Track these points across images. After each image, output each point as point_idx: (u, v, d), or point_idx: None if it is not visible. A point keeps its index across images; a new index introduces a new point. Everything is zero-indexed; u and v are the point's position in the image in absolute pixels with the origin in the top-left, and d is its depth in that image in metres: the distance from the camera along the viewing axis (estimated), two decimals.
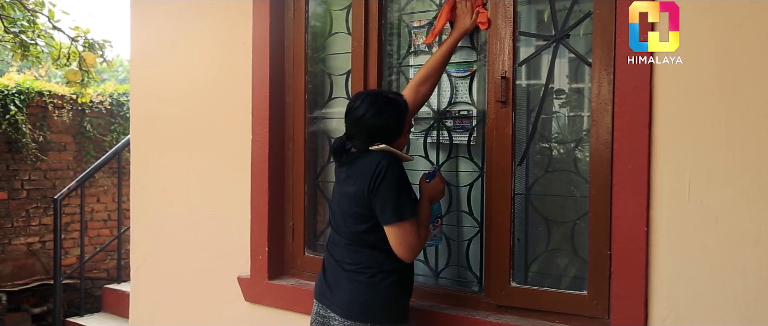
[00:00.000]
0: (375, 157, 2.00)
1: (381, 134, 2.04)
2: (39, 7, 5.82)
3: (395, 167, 1.99)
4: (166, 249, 3.17)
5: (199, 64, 3.02)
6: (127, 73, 12.86)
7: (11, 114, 5.56)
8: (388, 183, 1.95)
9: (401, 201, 1.97)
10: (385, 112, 2.04)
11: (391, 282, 2.03)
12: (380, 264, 2.04)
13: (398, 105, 2.08)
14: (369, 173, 1.98)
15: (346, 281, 2.07)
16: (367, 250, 2.05)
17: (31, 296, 5.63)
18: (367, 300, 2.03)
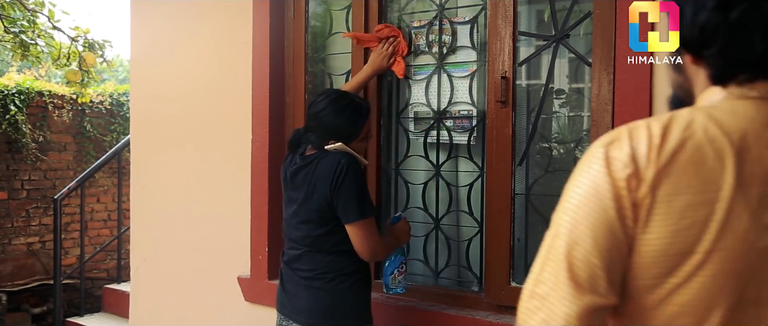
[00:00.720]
0: (334, 156, 2.00)
1: (337, 133, 2.04)
2: (39, 7, 5.82)
3: (355, 166, 1.99)
4: (166, 249, 3.17)
5: (199, 64, 3.02)
6: (127, 73, 12.86)
7: (11, 114, 5.56)
8: (350, 181, 1.95)
9: (364, 200, 1.98)
10: (344, 113, 2.05)
11: (351, 284, 2.03)
12: (339, 268, 2.03)
13: (359, 109, 2.08)
14: (329, 173, 1.97)
15: (304, 289, 2.05)
16: (324, 256, 2.04)
17: (31, 296, 5.63)
18: (329, 306, 2.02)
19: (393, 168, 2.61)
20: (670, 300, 0.81)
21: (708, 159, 0.80)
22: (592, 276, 0.81)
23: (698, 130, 0.82)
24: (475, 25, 2.41)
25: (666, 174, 0.80)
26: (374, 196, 2.54)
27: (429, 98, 2.51)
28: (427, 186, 2.53)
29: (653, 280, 0.81)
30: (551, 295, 0.82)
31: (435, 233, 2.52)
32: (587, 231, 0.81)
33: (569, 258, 0.82)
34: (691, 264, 0.79)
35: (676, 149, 0.80)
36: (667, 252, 0.80)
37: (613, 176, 0.81)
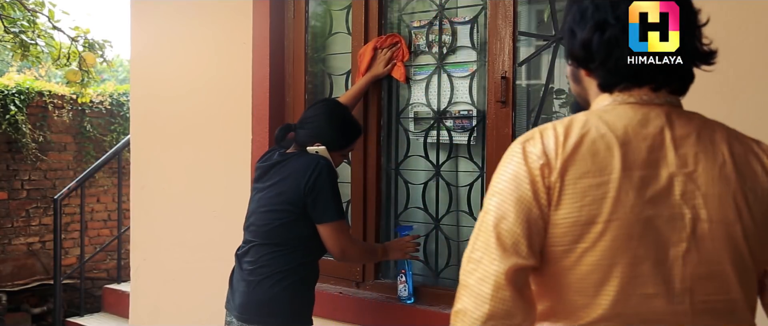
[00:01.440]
0: (313, 157, 2.08)
1: (325, 138, 2.13)
2: (39, 7, 5.82)
3: (332, 169, 2.08)
4: (166, 249, 3.17)
5: (199, 63, 3.02)
6: (127, 73, 12.86)
7: (11, 114, 5.56)
8: (327, 182, 2.03)
9: (337, 202, 2.06)
10: (337, 124, 2.16)
11: (288, 284, 2.05)
12: (278, 266, 2.05)
13: (353, 127, 2.21)
14: (306, 170, 2.03)
15: (244, 283, 2.09)
16: (269, 250, 2.07)
17: (31, 296, 5.63)
18: (260, 301, 2.04)
19: (393, 168, 2.61)
20: (581, 261, 1.02)
21: (601, 150, 1.03)
22: (515, 243, 1.03)
23: (592, 128, 1.05)
24: (475, 25, 2.41)
25: (570, 162, 1.02)
26: (374, 196, 2.54)
27: (429, 98, 2.51)
28: (427, 186, 2.53)
29: (567, 246, 1.03)
30: (484, 258, 1.04)
31: (435, 233, 2.52)
32: (511, 208, 1.03)
33: (497, 229, 1.04)
34: (594, 232, 1.01)
35: (576, 144, 1.03)
36: (576, 223, 1.02)
37: (529, 166, 1.04)
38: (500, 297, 1.01)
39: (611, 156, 1.02)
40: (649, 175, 1.02)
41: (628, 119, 1.05)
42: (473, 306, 1.03)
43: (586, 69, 1.11)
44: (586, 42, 1.07)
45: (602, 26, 1.05)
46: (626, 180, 1.01)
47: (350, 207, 2.63)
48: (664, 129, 1.06)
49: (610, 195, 1.00)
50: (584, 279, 1.03)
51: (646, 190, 1.02)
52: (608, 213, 1.00)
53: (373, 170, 2.55)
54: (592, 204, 1.01)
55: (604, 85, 1.10)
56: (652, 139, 1.05)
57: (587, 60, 1.09)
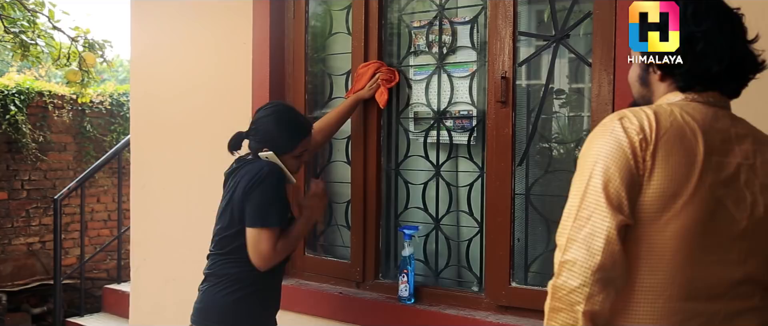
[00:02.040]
0: (259, 163, 2.08)
1: (271, 143, 2.11)
2: (39, 7, 5.81)
3: (276, 175, 2.05)
4: (166, 249, 3.17)
5: (199, 64, 3.02)
6: (127, 73, 12.86)
7: (11, 114, 5.56)
8: (264, 188, 2.01)
9: (270, 210, 2.01)
10: (283, 125, 2.13)
11: (230, 291, 2.07)
12: (226, 274, 2.09)
13: (300, 127, 2.16)
14: (249, 176, 2.04)
15: (199, 292, 2.15)
16: (222, 258, 2.11)
17: (31, 296, 5.63)
18: (202, 308, 2.11)
19: (393, 168, 2.61)
20: (665, 228, 1.17)
21: (687, 135, 1.19)
22: (620, 203, 1.15)
23: (678, 116, 1.21)
24: (475, 25, 2.41)
25: (662, 142, 1.17)
26: (374, 196, 2.54)
27: (429, 98, 2.51)
28: (427, 186, 2.53)
29: (655, 214, 1.17)
30: (594, 215, 1.16)
31: (435, 233, 2.52)
32: (616, 172, 1.16)
33: (606, 190, 1.16)
34: (679, 203, 1.16)
35: (667, 127, 1.18)
36: (664, 194, 1.16)
37: (630, 138, 1.17)
38: (610, 250, 1.13)
39: (696, 141, 1.18)
40: (723, 161, 1.20)
41: (703, 114, 1.23)
42: (584, 256, 1.15)
43: (667, 74, 1.29)
44: (674, 52, 1.25)
45: (691, 40, 1.23)
46: (707, 163, 1.17)
47: (350, 207, 2.63)
48: (730, 127, 1.25)
49: (695, 174, 1.16)
50: (665, 244, 1.17)
51: (721, 173, 1.19)
52: (693, 188, 1.16)
53: (373, 170, 2.55)
54: (680, 179, 1.16)
55: (684, 87, 1.27)
56: (723, 132, 1.23)
57: (674, 66, 1.27)
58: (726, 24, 1.24)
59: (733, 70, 1.25)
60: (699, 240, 1.17)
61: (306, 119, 2.28)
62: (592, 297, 1.14)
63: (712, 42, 1.22)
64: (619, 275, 1.16)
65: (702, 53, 1.23)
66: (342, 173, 2.73)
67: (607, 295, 1.15)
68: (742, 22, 1.27)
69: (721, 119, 1.25)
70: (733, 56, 1.24)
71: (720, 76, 1.24)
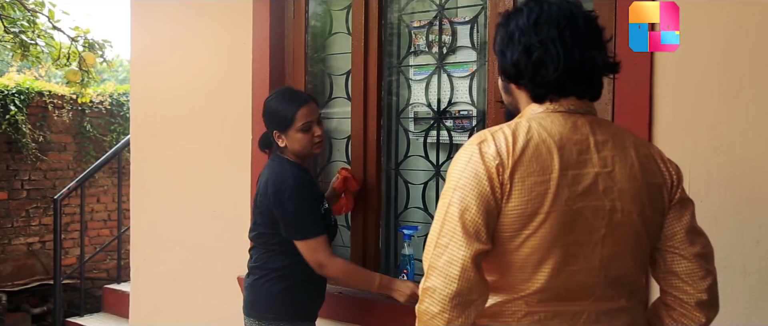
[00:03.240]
0: (281, 171, 2.14)
1: (273, 122, 2.17)
2: (39, 7, 5.81)
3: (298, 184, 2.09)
4: (166, 249, 3.17)
5: (199, 64, 3.02)
6: (127, 73, 12.86)
7: (11, 114, 5.56)
8: (290, 200, 2.08)
9: (303, 220, 2.08)
10: (278, 100, 2.18)
11: (271, 281, 2.17)
12: (266, 266, 2.18)
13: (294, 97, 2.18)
14: (273, 183, 2.11)
15: (247, 284, 2.25)
16: (262, 252, 2.20)
17: (31, 296, 5.63)
18: (252, 300, 2.20)
19: (393, 168, 2.61)
20: (525, 244, 1.23)
21: (543, 152, 1.23)
22: (477, 231, 1.21)
23: (535, 133, 1.24)
24: (475, 25, 2.41)
25: (519, 163, 1.21)
26: (374, 196, 2.54)
27: (429, 98, 2.51)
28: (427, 186, 2.53)
29: (514, 232, 1.23)
30: (451, 244, 1.21)
31: None
32: (473, 201, 1.21)
33: (462, 219, 1.21)
34: (537, 221, 1.21)
35: (523, 147, 1.23)
36: (522, 214, 1.22)
37: (487, 165, 1.22)
38: (466, 277, 1.19)
39: (551, 158, 1.22)
40: (579, 174, 1.24)
41: (561, 126, 1.27)
42: (442, 284, 1.20)
43: (516, 84, 1.33)
44: (516, 62, 1.28)
45: (529, 49, 1.26)
46: (563, 179, 1.22)
47: None
48: (588, 135, 1.28)
49: (551, 191, 1.21)
50: (526, 260, 1.23)
51: (578, 186, 1.23)
52: (549, 205, 1.21)
53: (373, 170, 2.55)
54: (536, 198, 1.21)
55: (535, 96, 1.31)
56: (581, 143, 1.26)
57: (518, 77, 1.31)
58: (566, 31, 1.26)
59: (575, 74, 1.27)
60: (559, 252, 1.23)
61: (303, 93, 2.31)
62: (451, 321, 1.20)
63: (548, 50, 1.25)
64: (476, 297, 1.22)
65: (538, 62, 1.26)
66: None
67: (467, 317, 1.21)
68: (592, 25, 1.30)
69: (580, 128, 1.28)
70: (571, 62, 1.25)
71: (562, 82, 1.27)
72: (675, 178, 1.34)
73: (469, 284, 1.19)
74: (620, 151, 1.29)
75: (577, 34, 1.26)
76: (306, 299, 2.21)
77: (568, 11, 1.28)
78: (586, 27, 1.28)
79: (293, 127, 2.14)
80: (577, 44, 1.26)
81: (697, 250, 1.33)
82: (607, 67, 1.31)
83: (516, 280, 1.25)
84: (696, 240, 1.34)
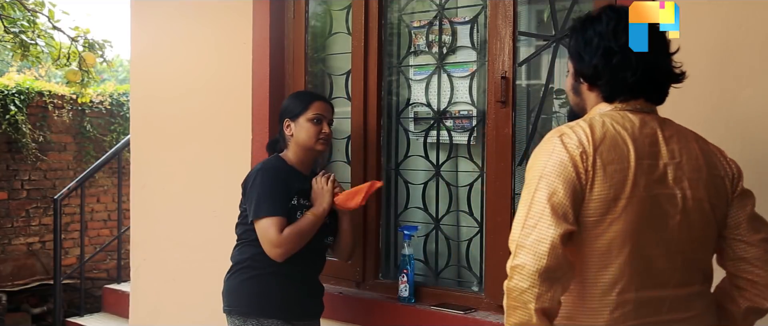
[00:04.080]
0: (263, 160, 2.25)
1: (285, 112, 2.24)
2: (39, 7, 5.81)
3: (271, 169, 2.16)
4: (166, 249, 3.17)
5: (199, 64, 3.02)
6: (127, 73, 12.84)
7: (11, 114, 5.56)
8: (257, 181, 2.14)
9: (263, 199, 2.09)
10: (293, 94, 2.35)
11: (244, 276, 2.17)
12: (238, 260, 2.21)
13: (309, 93, 2.42)
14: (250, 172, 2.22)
15: None
16: (238, 247, 2.24)
17: (31, 296, 5.62)
18: (225, 293, 2.23)
19: (393, 168, 2.61)
20: (609, 229, 1.31)
21: (619, 143, 1.33)
22: (565, 212, 1.29)
23: (609, 127, 1.35)
24: (475, 25, 2.41)
25: (599, 152, 1.31)
26: (374, 196, 2.54)
27: (429, 98, 2.51)
28: (427, 186, 2.53)
29: (598, 217, 1.31)
30: (539, 224, 1.28)
31: (435, 233, 2.52)
32: (560, 185, 1.30)
33: (551, 201, 1.29)
34: (620, 206, 1.30)
35: (601, 137, 1.33)
36: (606, 198, 1.30)
37: (570, 153, 1.31)
38: (554, 254, 1.25)
39: (628, 148, 1.32)
40: (652, 164, 1.34)
41: (631, 122, 1.37)
42: (532, 261, 1.26)
43: (592, 85, 1.42)
44: (595, 65, 1.39)
45: (609, 54, 1.37)
46: (639, 167, 1.31)
47: None
48: (656, 130, 1.38)
49: (630, 178, 1.30)
50: (610, 243, 1.30)
51: (652, 175, 1.33)
52: (629, 191, 1.30)
53: (373, 170, 2.55)
54: (617, 184, 1.30)
55: (608, 97, 1.41)
56: (650, 136, 1.37)
57: (595, 78, 1.41)
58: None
59: (649, 79, 1.38)
60: (642, 236, 1.31)
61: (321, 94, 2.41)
62: (541, 295, 1.26)
63: (627, 55, 1.36)
64: (563, 274, 1.28)
65: (618, 65, 1.37)
66: (342, 173, 2.73)
67: (554, 292, 1.27)
68: (662, 37, 1.41)
69: (649, 124, 1.38)
70: (646, 68, 1.36)
71: (637, 86, 1.38)
72: (736, 171, 1.45)
73: (557, 261, 1.25)
74: (685, 144, 1.39)
75: (651, 43, 1.36)
76: (273, 292, 2.13)
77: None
78: (659, 36, 1.40)
79: (304, 115, 2.18)
80: (652, 52, 1.36)
81: (762, 236, 1.43)
82: (675, 77, 1.42)
83: (598, 270, 1.32)
84: (760, 227, 1.44)
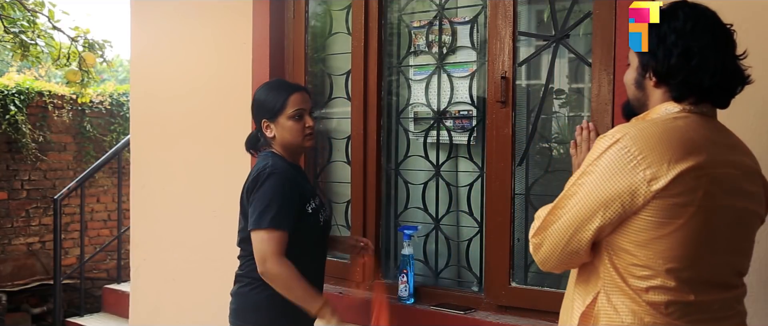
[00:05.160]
0: (263, 161, 2.01)
1: (262, 111, 2.04)
2: (39, 7, 5.81)
3: (279, 175, 1.95)
4: (166, 249, 3.17)
5: (199, 64, 3.02)
6: (127, 73, 12.85)
7: (11, 114, 5.56)
8: (264, 189, 1.94)
9: (267, 210, 1.91)
10: (266, 89, 2.08)
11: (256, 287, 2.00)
12: (251, 272, 2.00)
13: (282, 85, 2.09)
14: (252, 176, 1.99)
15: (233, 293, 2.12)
16: (247, 259, 2.04)
17: (31, 296, 5.62)
18: (236, 308, 2.06)
19: (393, 168, 2.61)
20: (676, 233, 1.26)
21: (692, 151, 1.26)
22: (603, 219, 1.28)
23: (683, 131, 1.28)
24: (475, 25, 2.41)
25: (674, 162, 1.24)
26: (374, 196, 2.54)
27: (429, 98, 2.51)
28: (427, 186, 2.53)
29: (668, 220, 1.25)
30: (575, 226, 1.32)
31: (435, 233, 2.52)
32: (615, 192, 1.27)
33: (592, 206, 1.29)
34: (689, 212, 1.25)
35: (675, 146, 1.25)
36: (675, 204, 1.24)
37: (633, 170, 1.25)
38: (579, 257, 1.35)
39: (701, 155, 1.27)
40: (724, 173, 1.30)
41: (703, 127, 1.33)
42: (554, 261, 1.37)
43: (660, 81, 1.36)
44: (672, 64, 1.32)
45: (688, 54, 1.31)
46: (711, 175, 1.27)
47: (350, 207, 2.63)
48: (721, 137, 1.35)
49: (702, 186, 1.26)
50: (675, 247, 1.27)
51: (722, 185, 1.29)
52: (700, 200, 1.25)
53: (373, 170, 2.55)
54: (689, 191, 1.25)
55: (678, 97, 1.35)
56: (719, 145, 1.33)
57: (668, 76, 1.34)
58: (720, 40, 1.33)
59: (723, 83, 1.34)
60: (704, 243, 1.29)
61: (294, 83, 2.17)
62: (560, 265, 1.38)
63: (706, 57, 1.31)
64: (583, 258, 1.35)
65: (697, 67, 1.31)
66: (342, 173, 2.73)
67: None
68: (733, 38, 1.37)
69: (717, 130, 1.36)
70: (725, 71, 1.32)
71: (711, 89, 1.33)
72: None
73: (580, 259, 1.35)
74: (743, 155, 1.39)
75: (728, 44, 1.34)
76: (293, 308, 2.00)
77: (720, 21, 1.36)
78: (731, 39, 1.36)
79: (284, 114, 2.01)
80: (728, 54, 1.34)
81: None
82: (744, 78, 1.38)
83: (664, 270, 1.29)
84: None
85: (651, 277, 1.28)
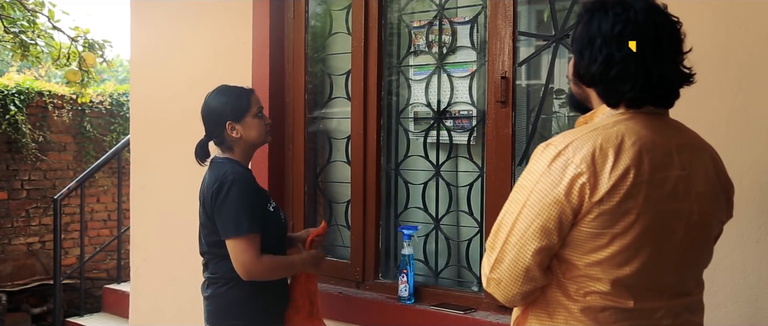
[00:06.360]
0: (222, 167, 2.05)
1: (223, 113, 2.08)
2: (39, 7, 5.81)
3: (242, 181, 2.01)
4: (166, 249, 3.17)
5: (199, 64, 3.02)
6: (127, 73, 12.85)
7: (11, 114, 5.56)
8: (231, 197, 1.98)
9: (240, 217, 1.97)
10: (224, 94, 2.13)
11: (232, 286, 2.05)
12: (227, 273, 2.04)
13: (239, 88, 2.14)
14: (216, 184, 2.01)
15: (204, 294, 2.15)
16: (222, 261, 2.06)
17: (31, 296, 5.62)
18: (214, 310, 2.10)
19: (393, 168, 2.61)
20: (613, 241, 1.23)
21: (634, 156, 1.22)
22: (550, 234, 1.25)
23: (625, 139, 1.23)
24: (474, 25, 2.41)
25: (614, 169, 1.21)
26: (374, 196, 2.54)
27: (429, 98, 2.51)
28: (427, 186, 2.53)
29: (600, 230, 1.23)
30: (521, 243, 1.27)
31: (435, 233, 2.52)
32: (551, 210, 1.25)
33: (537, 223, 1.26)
34: (629, 220, 1.21)
35: (616, 153, 1.22)
36: (616, 212, 1.21)
37: (570, 176, 1.23)
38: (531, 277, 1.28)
39: (642, 160, 1.22)
40: (665, 176, 1.24)
41: (647, 129, 1.25)
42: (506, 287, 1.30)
43: (587, 86, 1.32)
44: (593, 71, 1.27)
45: (609, 62, 1.24)
46: (652, 180, 1.22)
47: (350, 207, 2.63)
48: (670, 137, 1.28)
49: (642, 192, 1.21)
50: (613, 258, 1.23)
51: (664, 188, 1.24)
52: (640, 206, 1.21)
53: (373, 170, 2.55)
54: (628, 199, 1.20)
55: (607, 103, 1.30)
56: (664, 147, 1.26)
57: (591, 82, 1.29)
58: (649, 48, 1.23)
59: (651, 93, 1.25)
60: (647, 253, 1.24)
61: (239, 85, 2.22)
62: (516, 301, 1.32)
63: (628, 67, 1.23)
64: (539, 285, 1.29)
65: (616, 78, 1.24)
66: (342, 173, 2.73)
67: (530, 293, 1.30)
68: (675, 35, 1.28)
69: (662, 130, 1.28)
70: (648, 81, 1.23)
71: (637, 98, 1.26)
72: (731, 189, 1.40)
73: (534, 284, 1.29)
74: (696, 154, 1.31)
75: (660, 48, 1.24)
76: (271, 304, 2.12)
77: (654, 22, 1.24)
78: (669, 38, 1.26)
79: (250, 112, 2.09)
80: (657, 62, 1.23)
81: None
82: (683, 79, 1.29)
83: (601, 280, 1.25)
84: None
85: (591, 284, 1.25)
